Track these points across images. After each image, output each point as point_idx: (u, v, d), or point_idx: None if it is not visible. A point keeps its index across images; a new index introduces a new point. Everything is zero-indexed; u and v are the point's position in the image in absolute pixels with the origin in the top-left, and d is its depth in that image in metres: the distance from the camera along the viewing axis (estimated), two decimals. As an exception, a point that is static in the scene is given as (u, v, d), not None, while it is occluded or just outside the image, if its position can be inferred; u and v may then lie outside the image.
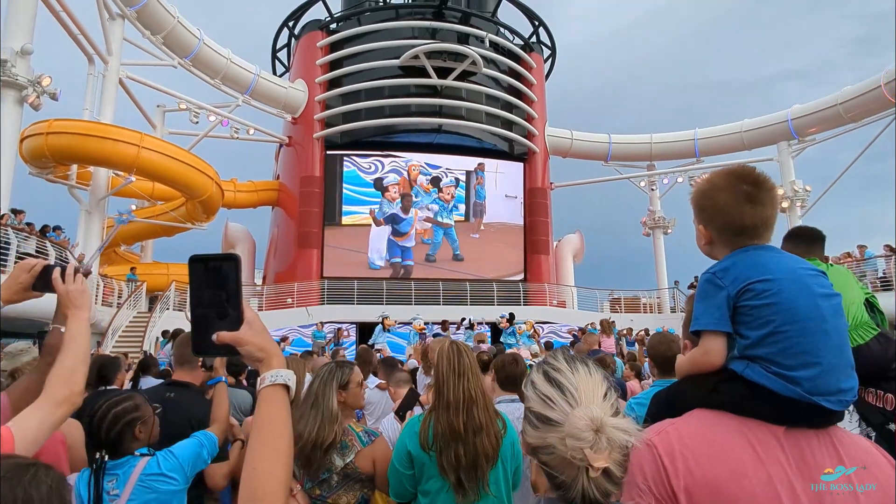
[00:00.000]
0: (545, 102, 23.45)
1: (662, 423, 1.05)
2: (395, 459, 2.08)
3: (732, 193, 1.13)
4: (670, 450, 0.98)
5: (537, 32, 23.94)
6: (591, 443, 0.81)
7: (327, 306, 17.99)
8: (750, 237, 1.13)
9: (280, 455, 0.90)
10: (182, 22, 17.97)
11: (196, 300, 0.97)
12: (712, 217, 1.16)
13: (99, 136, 14.57)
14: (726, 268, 1.10)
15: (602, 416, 0.83)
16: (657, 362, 2.57)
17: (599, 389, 0.88)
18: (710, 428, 1.01)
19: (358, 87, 20.43)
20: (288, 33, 23.58)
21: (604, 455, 0.81)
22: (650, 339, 2.69)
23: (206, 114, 19.53)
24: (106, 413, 1.88)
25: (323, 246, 20.06)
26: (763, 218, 1.12)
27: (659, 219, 24.85)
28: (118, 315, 14.88)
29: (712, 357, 1.07)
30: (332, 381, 2.16)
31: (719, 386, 1.05)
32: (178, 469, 1.92)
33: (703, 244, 1.21)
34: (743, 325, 1.06)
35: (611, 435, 0.82)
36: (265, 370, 0.96)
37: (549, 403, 0.88)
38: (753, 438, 0.98)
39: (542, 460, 0.88)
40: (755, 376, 1.02)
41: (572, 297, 21.67)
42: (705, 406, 1.05)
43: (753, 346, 1.04)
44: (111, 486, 1.81)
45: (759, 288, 1.04)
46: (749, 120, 22.38)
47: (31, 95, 11.74)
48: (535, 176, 22.23)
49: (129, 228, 20.02)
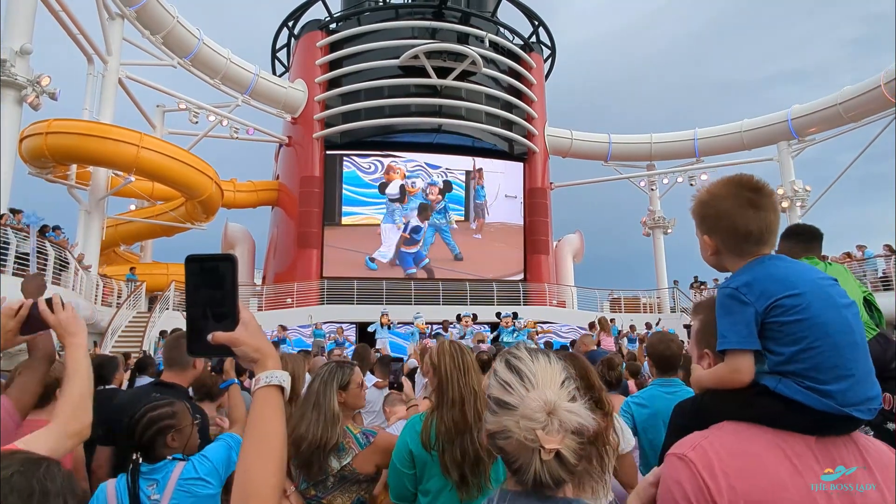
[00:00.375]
0: (545, 102, 23.44)
1: (694, 437, 1.03)
2: (397, 459, 2.06)
3: (734, 200, 1.13)
4: (709, 465, 0.96)
5: (537, 32, 23.93)
6: (543, 424, 0.85)
7: (327, 306, 17.99)
8: (756, 243, 1.13)
9: (273, 456, 0.90)
10: (182, 22, 17.96)
11: (192, 300, 0.96)
12: (716, 225, 1.15)
13: (98, 136, 14.56)
14: (749, 282, 1.08)
15: (555, 399, 0.87)
16: (656, 361, 2.57)
17: (557, 377, 0.91)
18: (746, 441, 1.00)
19: (358, 86, 20.42)
20: (287, 33, 23.58)
21: (556, 438, 0.84)
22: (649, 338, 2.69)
23: (206, 114, 19.53)
24: (142, 416, 1.92)
25: (323, 246, 20.06)
26: (767, 222, 1.12)
27: (659, 219, 24.84)
28: (118, 315, 14.88)
29: (742, 376, 1.06)
30: (332, 382, 2.14)
31: (752, 400, 1.05)
32: (214, 472, 1.94)
33: (708, 255, 1.19)
34: (772, 340, 1.05)
35: (563, 418, 0.85)
36: (260, 371, 0.96)
37: (508, 388, 0.92)
38: (789, 450, 0.99)
39: (499, 445, 0.91)
40: (789, 392, 1.02)
41: (572, 297, 21.67)
42: (737, 420, 1.05)
43: (785, 362, 1.04)
44: (151, 490, 1.84)
45: (789, 304, 1.04)
46: (749, 120, 22.37)
47: (30, 95, 11.73)
48: (534, 176, 22.22)
49: (129, 228, 20.05)
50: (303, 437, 2.01)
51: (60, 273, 12.61)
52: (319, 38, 21.41)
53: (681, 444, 1.03)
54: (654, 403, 2.40)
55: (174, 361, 2.48)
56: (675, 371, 2.52)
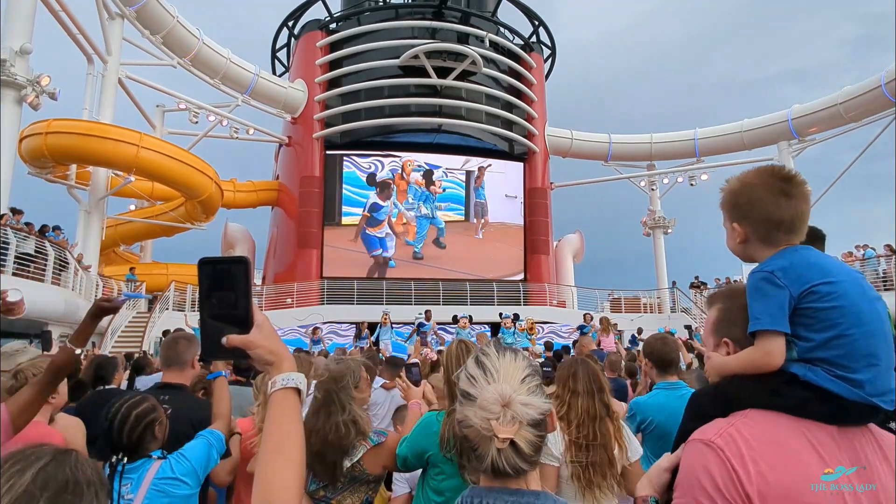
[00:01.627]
0: (545, 102, 23.43)
1: (719, 424, 1.03)
2: (410, 454, 2.09)
3: (766, 188, 1.13)
4: (739, 453, 0.96)
5: (537, 32, 23.93)
6: (497, 415, 0.90)
7: (327, 306, 17.98)
8: (787, 232, 1.13)
9: (293, 460, 0.90)
10: (181, 22, 17.95)
11: (205, 303, 0.96)
12: (748, 213, 1.15)
13: (98, 135, 14.55)
14: (784, 267, 1.08)
15: (511, 393, 0.92)
16: (656, 363, 2.55)
17: (519, 373, 0.96)
18: (773, 429, 1.00)
19: (357, 86, 20.41)
20: (287, 33, 23.57)
21: (509, 428, 0.89)
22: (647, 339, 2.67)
23: (206, 114, 19.53)
24: (127, 415, 1.87)
25: (323, 246, 20.05)
26: (798, 212, 1.12)
27: (659, 219, 24.82)
28: (117, 315, 14.86)
29: (774, 358, 1.05)
30: (349, 382, 2.13)
31: (779, 388, 1.04)
32: (191, 472, 1.91)
33: (737, 243, 1.19)
34: (804, 327, 1.05)
35: (517, 410, 0.90)
36: (276, 373, 0.96)
37: (472, 381, 0.97)
38: (814, 439, 0.99)
39: (464, 433, 0.96)
40: (819, 380, 1.01)
41: (572, 297, 21.66)
42: (763, 408, 1.04)
43: (816, 348, 1.03)
44: (126, 490, 1.80)
45: (825, 290, 1.04)
46: (749, 120, 22.36)
47: (30, 95, 11.71)
48: (535, 176, 22.22)
49: (129, 228, 20.04)
50: (325, 439, 1.99)
51: (60, 273, 12.60)
52: (319, 37, 21.40)
53: (705, 430, 1.02)
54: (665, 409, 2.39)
55: (172, 361, 2.47)
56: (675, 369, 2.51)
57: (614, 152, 24.08)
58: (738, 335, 1.13)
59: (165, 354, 2.51)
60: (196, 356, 2.53)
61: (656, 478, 1.07)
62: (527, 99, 22.26)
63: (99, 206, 15.89)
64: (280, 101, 20.77)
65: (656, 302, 22.35)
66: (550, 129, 23.29)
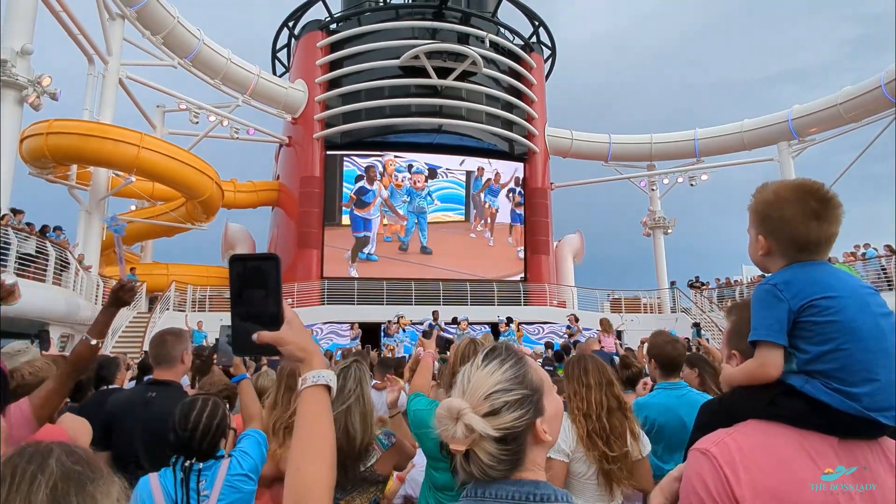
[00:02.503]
0: (545, 102, 23.44)
1: (718, 434, 1.05)
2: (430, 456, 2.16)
3: (800, 208, 1.12)
4: (731, 460, 0.99)
5: (537, 32, 23.93)
6: (446, 427, 0.89)
7: (327, 306, 17.98)
8: (811, 253, 1.13)
9: (325, 455, 0.91)
10: (182, 22, 17.96)
11: (236, 300, 0.97)
12: (777, 229, 1.15)
13: (99, 136, 14.56)
14: (787, 281, 1.10)
15: (462, 407, 0.89)
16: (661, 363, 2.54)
17: (487, 389, 0.92)
18: (769, 438, 1.02)
19: (358, 87, 20.42)
20: (288, 33, 23.58)
21: (460, 441, 0.88)
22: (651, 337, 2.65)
23: (206, 114, 19.53)
24: (197, 424, 1.89)
25: (323, 246, 20.05)
26: (827, 235, 1.12)
27: (659, 219, 24.81)
28: (118, 315, 14.85)
29: (769, 369, 1.07)
30: (367, 379, 2.14)
31: (777, 399, 1.06)
32: (255, 469, 1.97)
33: (759, 254, 1.19)
34: (803, 339, 1.07)
35: (472, 422, 0.88)
36: (306, 370, 0.96)
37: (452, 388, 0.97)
38: (811, 449, 1.00)
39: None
40: (815, 392, 1.03)
41: (572, 297, 21.66)
42: (762, 418, 1.06)
43: (813, 361, 1.05)
44: (202, 486, 1.85)
45: (823, 305, 1.05)
46: (749, 120, 22.36)
47: (31, 95, 11.72)
48: (535, 176, 22.22)
49: (129, 228, 20.00)
50: (353, 437, 1.98)
51: (61, 273, 12.60)
52: (320, 38, 21.41)
53: (705, 440, 1.05)
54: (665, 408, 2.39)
55: (162, 359, 2.48)
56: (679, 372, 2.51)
57: (614, 152, 24.08)
58: (745, 347, 1.16)
59: (154, 352, 2.52)
60: (185, 351, 2.54)
61: (667, 487, 1.09)
62: (527, 99, 22.26)
63: (99, 206, 15.89)
64: (280, 102, 20.77)
65: (656, 302, 22.35)
66: (550, 130, 23.30)
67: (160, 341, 2.52)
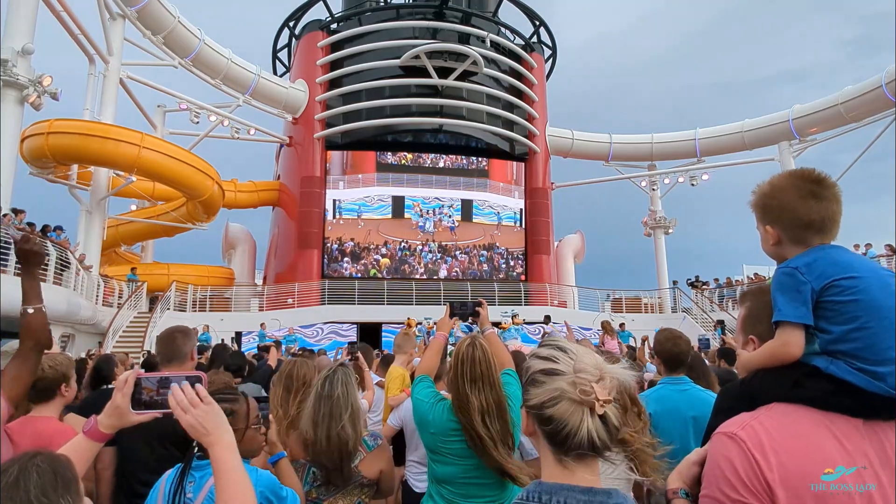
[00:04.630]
0: (546, 102, 23.44)
1: (743, 417, 1.05)
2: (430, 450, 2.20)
3: (796, 191, 1.15)
4: (759, 443, 0.98)
5: (538, 32, 23.94)
6: (598, 377, 0.91)
7: (328, 306, 17.98)
8: (818, 232, 1.14)
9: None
10: (182, 22, 17.97)
11: None
12: (778, 215, 1.18)
13: (100, 136, 14.57)
14: (809, 263, 1.11)
15: (602, 363, 0.94)
16: (664, 359, 2.55)
17: (595, 356, 0.97)
18: (795, 421, 1.02)
19: (358, 87, 20.42)
20: (288, 33, 23.59)
21: (608, 392, 0.90)
22: (656, 335, 2.66)
23: (207, 114, 19.54)
24: None
25: (323, 246, 20.06)
26: (829, 212, 1.14)
27: (660, 219, 24.83)
28: (119, 315, 14.87)
29: (792, 348, 1.08)
30: (353, 383, 2.12)
31: (802, 381, 1.06)
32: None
33: (770, 245, 1.22)
34: (825, 319, 1.07)
35: (612, 371, 0.92)
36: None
37: (553, 360, 0.97)
38: (838, 431, 1.00)
39: (547, 415, 0.93)
40: (840, 372, 1.03)
41: (573, 297, 21.67)
42: (786, 401, 1.06)
43: (836, 341, 1.05)
44: (189, 487, 1.71)
45: (846, 284, 1.06)
46: (750, 120, 22.37)
47: (32, 95, 11.72)
48: (535, 176, 22.22)
49: (130, 228, 20.05)
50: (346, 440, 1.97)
51: (62, 273, 12.60)
52: (320, 38, 21.41)
53: (729, 423, 1.04)
54: (666, 401, 2.39)
55: (171, 356, 2.48)
56: (683, 368, 2.51)
57: (615, 152, 24.08)
58: (762, 332, 1.16)
59: (163, 350, 2.52)
60: (193, 349, 2.54)
61: (686, 471, 1.09)
62: (528, 99, 22.27)
63: (100, 206, 15.89)
64: (281, 102, 20.78)
65: (657, 302, 22.35)
66: (551, 130, 23.30)
67: (169, 339, 2.52)
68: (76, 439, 1.23)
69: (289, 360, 2.66)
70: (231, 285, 20.29)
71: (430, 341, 2.48)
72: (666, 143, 23.78)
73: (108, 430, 1.20)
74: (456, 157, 21.61)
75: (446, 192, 21.22)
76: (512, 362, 2.36)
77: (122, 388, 1.16)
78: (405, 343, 4.15)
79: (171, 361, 2.50)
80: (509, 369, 2.30)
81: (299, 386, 2.50)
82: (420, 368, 2.40)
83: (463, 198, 21.33)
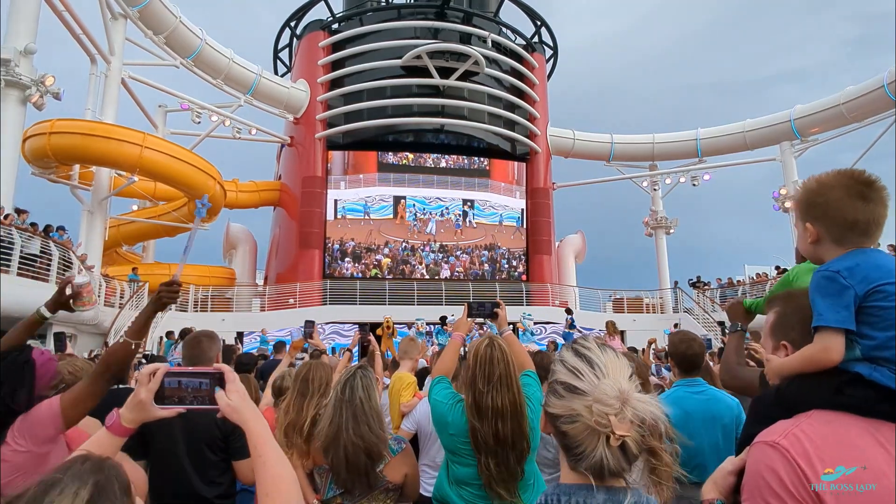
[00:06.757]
0: (547, 102, 23.43)
1: (784, 425, 1.03)
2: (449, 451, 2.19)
3: (844, 190, 1.13)
4: (804, 452, 0.96)
5: (539, 32, 23.92)
6: (616, 410, 0.87)
7: (329, 306, 17.96)
8: (861, 234, 1.12)
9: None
10: (184, 22, 17.95)
11: None
12: (823, 213, 1.15)
13: (102, 135, 14.55)
14: (851, 267, 1.08)
15: (629, 389, 0.90)
16: (679, 362, 2.54)
17: (626, 370, 0.94)
18: (838, 428, 1.00)
19: (360, 87, 20.41)
20: (290, 33, 23.56)
21: (627, 425, 0.86)
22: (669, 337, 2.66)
23: (208, 114, 19.53)
24: None
25: (325, 246, 20.05)
26: (875, 215, 1.12)
27: (661, 219, 24.82)
28: (120, 315, 14.85)
29: (833, 354, 1.05)
30: (374, 385, 2.09)
31: (844, 388, 1.03)
32: None
33: (808, 243, 1.19)
34: (868, 325, 1.05)
35: (636, 407, 0.88)
36: None
37: (578, 374, 0.94)
38: (881, 437, 0.98)
39: (563, 430, 0.92)
40: (884, 380, 1.01)
41: (574, 297, 21.65)
42: (827, 408, 1.03)
43: (880, 347, 1.03)
44: None
45: (890, 290, 1.04)
46: (751, 120, 22.35)
47: (34, 95, 11.72)
48: (537, 176, 22.21)
49: (131, 228, 20.04)
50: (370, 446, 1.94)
51: (64, 273, 12.59)
52: (322, 38, 21.40)
53: (769, 431, 1.02)
54: (682, 404, 2.38)
55: (197, 360, 2.48)
56: (698, 371, 2.50)
57: (616, 152, 24.07)
58: (795, 338, 1.14)
59: (189, 353, 2.52)
60: (219, 353, 2.54)
61: (721, 480, 1.07)
62: (529, 99, 22.25)
63: (102, 206, 15.88)
64: (282, 102, 20.76)
65: (658, 302, 22.33)
66: (552, 130, 23.28)
67: (195, 343, 2.53)
68: (99, 434, 1.22)
69: (305, 362, 2.65)
70: (232, 285, 20.27)
71: (448, 342, 2.46)
72: (667, 143, 23.76)
73: (131, 424, 1.19)
74: (457, 157, 21.61)
75: (447, 192, 21.22)
76: (532, 363, 2.33)
77: (147, 382, 1.15)
78: (411, 349, 4.12)
79: (196, 365, 2.51)
80: (529, 370, 2.27)
81: (315, 389, 2.49)
82: (437, 369, 2.37)
83: (464, 198, 21.33)
